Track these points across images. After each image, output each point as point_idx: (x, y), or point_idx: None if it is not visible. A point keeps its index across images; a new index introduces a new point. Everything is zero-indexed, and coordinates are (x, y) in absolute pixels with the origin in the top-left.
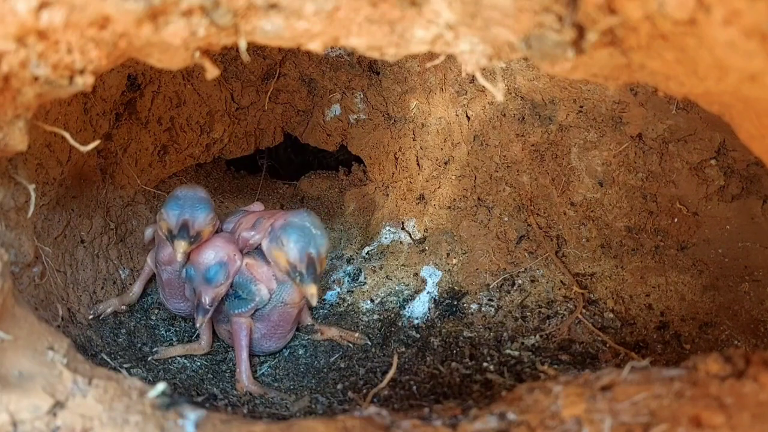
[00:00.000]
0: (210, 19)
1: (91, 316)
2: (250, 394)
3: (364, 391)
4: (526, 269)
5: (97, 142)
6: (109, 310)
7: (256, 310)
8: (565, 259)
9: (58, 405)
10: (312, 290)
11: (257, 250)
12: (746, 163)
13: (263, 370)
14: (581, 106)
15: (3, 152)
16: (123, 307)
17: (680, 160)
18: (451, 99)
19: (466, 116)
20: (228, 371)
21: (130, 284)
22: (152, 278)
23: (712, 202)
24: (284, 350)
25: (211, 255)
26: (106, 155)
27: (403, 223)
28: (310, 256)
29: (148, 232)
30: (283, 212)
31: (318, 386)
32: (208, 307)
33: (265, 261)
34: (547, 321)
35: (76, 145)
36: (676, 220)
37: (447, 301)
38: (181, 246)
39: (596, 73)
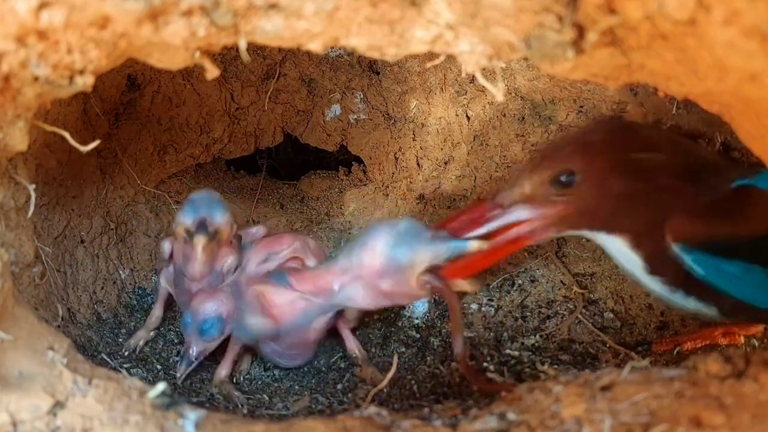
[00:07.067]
0: (210, 19)
1: (126, 353)
2: (218, 389)
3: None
4: (526, 269)
5: (97, 142)
6: (141, 343)
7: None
8: (565, 259)
9: (58, 405)
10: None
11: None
12: (747, 163)
13: (261, 372)
14: (581, 106)
15: (3, 152)
16: (151, 333)
17: None
18: (451, 99)
19: (466, 116)
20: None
21: (130, 284)
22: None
23: None
24: None
25: (212, 307)
26: (106, 155)
27: None
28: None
29: (165, 246)
30: (287, 235)
31: (318, 386)
32: (193, 359)
33: (286, 287)
34: (547, 321)
35: (76, 145)
36: None
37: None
38: (201, 241)
39: (596, 73)
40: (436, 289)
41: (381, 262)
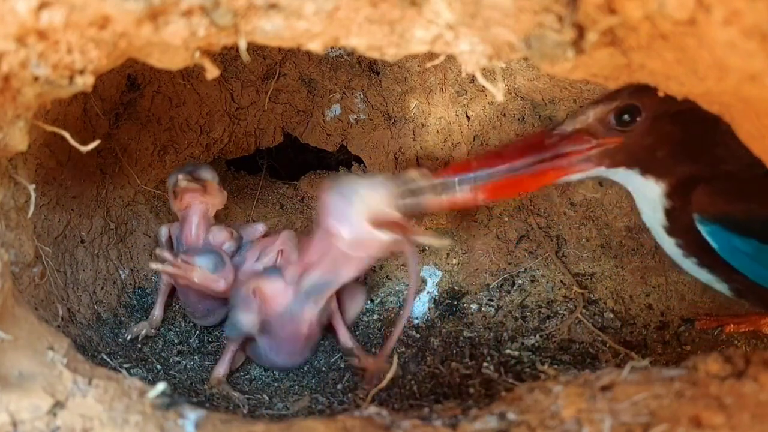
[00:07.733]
0: (210, 19)
1: (129, 337)
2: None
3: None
4: (526, 269)
5: (97, 142)
6: (143, 332)
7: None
8: (565, 259)
9: (58, 405)
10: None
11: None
12: None
13: (261, 372)
14: (581, 106)
15: (3, 152)
16: (152, 330)
17: None
18: (451, 99)
19: (466, 116)
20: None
21: (130, 284)
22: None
23: None
24: None
25: (216, 252)
26: (106, 155)
27: None
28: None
29: (163, 231)
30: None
31: (318, 386)
32: (180, 262)
33: (278, 277)
34: (547, 321)
35: (76, 145)
36: None
37: (447, 301)
38: (189, 181)
39: (596, 73)
40: (397, 240)
41: (330, 201)
